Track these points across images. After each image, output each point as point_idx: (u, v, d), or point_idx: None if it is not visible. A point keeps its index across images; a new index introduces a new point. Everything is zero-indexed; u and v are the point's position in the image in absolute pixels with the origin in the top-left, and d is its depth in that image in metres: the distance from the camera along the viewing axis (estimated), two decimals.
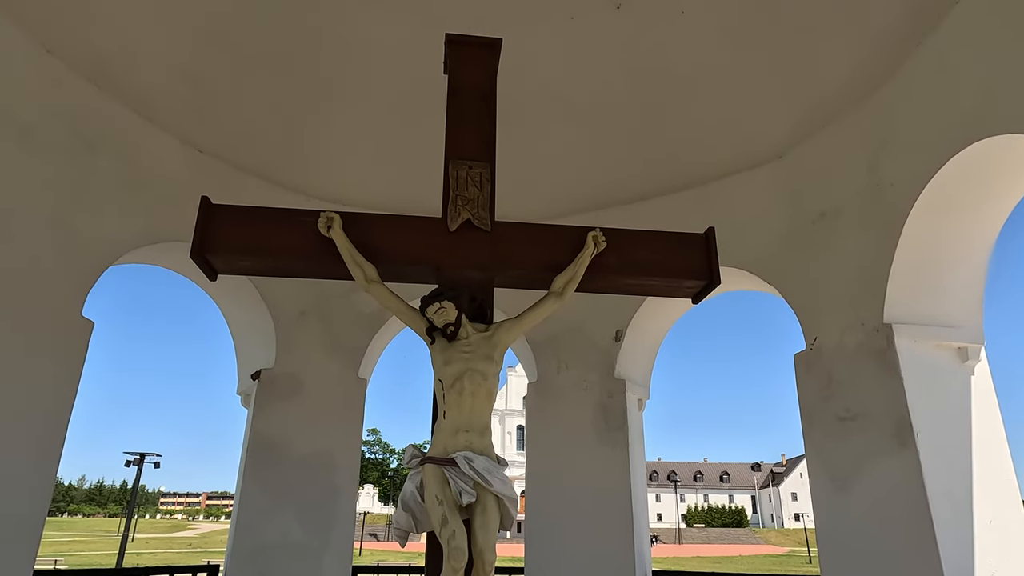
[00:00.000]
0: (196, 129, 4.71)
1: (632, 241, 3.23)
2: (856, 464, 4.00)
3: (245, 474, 4.98)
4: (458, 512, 2.53)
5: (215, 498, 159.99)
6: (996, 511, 3.72)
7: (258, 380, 5.19)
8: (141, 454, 24.82)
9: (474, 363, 2.76)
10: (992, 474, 3.82)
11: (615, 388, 5.44)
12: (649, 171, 5.33)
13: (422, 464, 2.66)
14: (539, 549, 5.28)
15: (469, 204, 3.22)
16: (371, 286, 2.99)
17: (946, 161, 3.70)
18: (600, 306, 5.22)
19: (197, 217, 3.05)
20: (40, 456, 3.74)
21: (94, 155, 4.19)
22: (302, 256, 3.11)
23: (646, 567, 5.21)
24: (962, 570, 3.50)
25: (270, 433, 5.10)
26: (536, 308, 3.04)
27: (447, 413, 2.72)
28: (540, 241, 3.23)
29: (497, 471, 2.59)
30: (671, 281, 3.28)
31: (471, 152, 3.35)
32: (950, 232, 4.02)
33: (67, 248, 3.99)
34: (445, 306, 2.81)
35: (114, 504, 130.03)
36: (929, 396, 3.85)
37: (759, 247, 4.78)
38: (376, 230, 3.13)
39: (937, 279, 4.09)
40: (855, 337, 4.14)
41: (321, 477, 5.12)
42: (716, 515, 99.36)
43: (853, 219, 4.29)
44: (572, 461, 5.35)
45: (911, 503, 3.63)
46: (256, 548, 4.88)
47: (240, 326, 5.57)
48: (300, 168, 5.10)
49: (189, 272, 5.04)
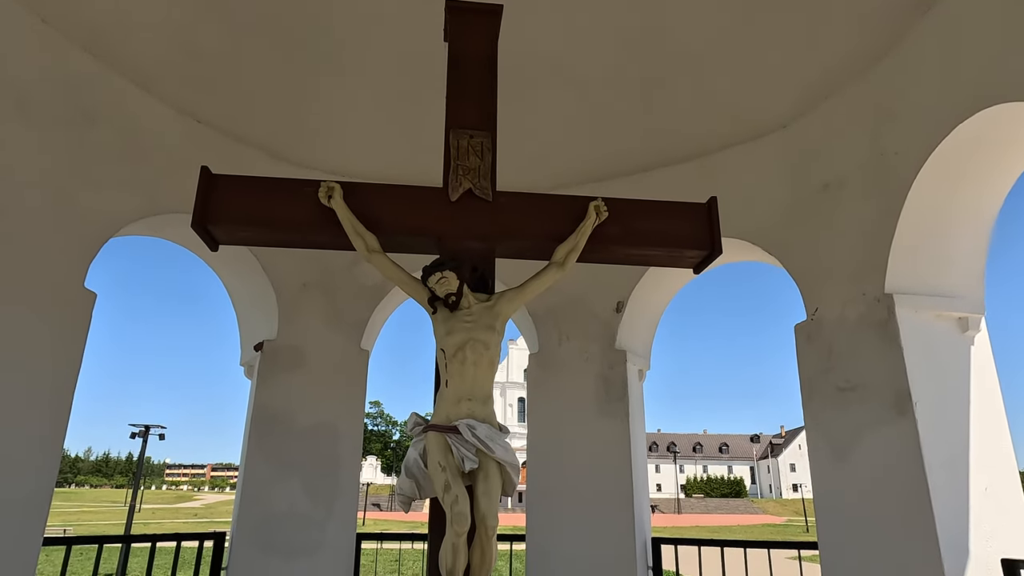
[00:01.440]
0: (194, 100, 4.66)
1: (634, 211, 3.22)
2: (855, 434, 4.04)
3: (249, 445, 5.03)
4: (461, 478, 2.56)
5: (220, 470, 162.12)
6: (992, 479, 3.77)
7: (261, 351, 5.22)
8: (146, 426, 25.06)
9: (476, 333, 2.78)
10: (989, 443, 3.85)
11: (616, 359, 5.47)
12: (651, 142, 5.28)
13: (425, 432, 2.69)
14: (540, 517, 5.36)
15: (470, 174, 3.20)
16: (372, 256, 3.00)
17: (951, 130, 3.67)
18: (601, 277, 5.22)
19: (197, 187, 3.04)
20: (48, 425, 3.77)
21: (92, 126, 4.16)
22: (303, 226, 3.11)
23: (646, 534, 5.29)
24: (957, 536, 3.55)
25: (273, 404, 5.14)
26: (538, 278, 3.05)
27: (449, 382, 2.74)
28: (542, 211, 3.22)
29: (499, 438, 2.62)
30: (673, 251, 3.28)
31: (472, 121, 3.32)
32: (953, 202, 4.00)
33: (67, 219, 3.98)
34: (447, 276, 2.81)
35: (120, 475, 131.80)
36: (928, 366, 3.87)
37: (761, 218, 4.77)
38: (377, 200, 3.12)
39: (939, 249, 4.08)
40: (856, 308, 4.14)
41: (325, 447, 5.18)
42: (715, 486, 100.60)
43: (856, 190, 4.27)
44: (573, 431, 5.40)
45: (908, 471, 3.67)
46: (262, 517, 4.95)
47: (242, 298, 5.58)
48: (299, 139, 5.06)
49: (191, 244, 5.03)
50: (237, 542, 4.87)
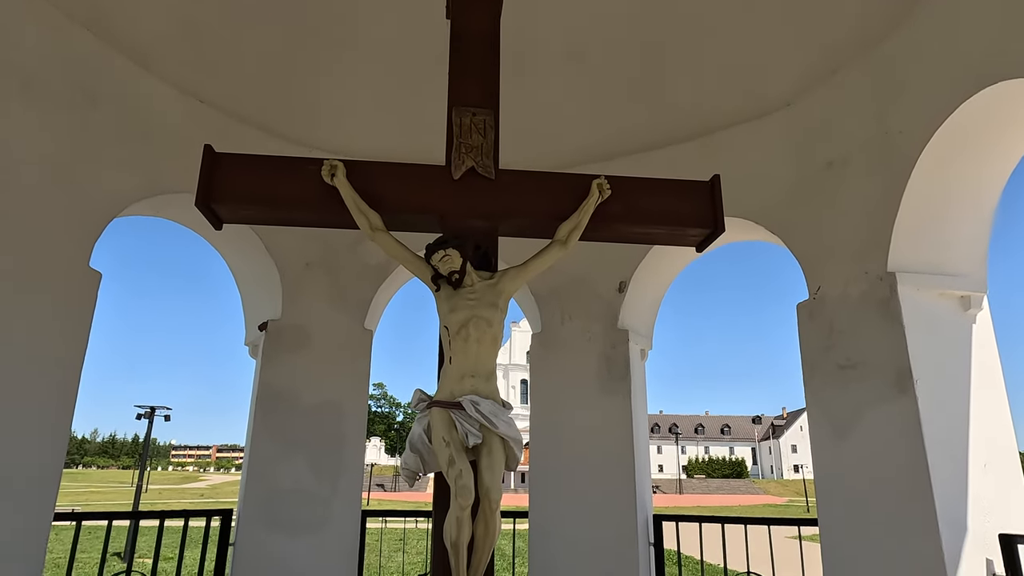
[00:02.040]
0: (196, 79, 4.65)
1: (637, 189, 3.22)
2: (856, 411, 4.06)
3: (255, 423, 5.08)
4: (465, 453, 2.59)
5: (225, 450, 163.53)
6: (991, 455, 3.80)
7: (265, 331, 5.25)
8: (151, 407, 25.23)
9: (479, 310, 2.79)
10: (989, 420, 3.87)
11: (618, 338, 5.49)
12: (654, 121, 5.26)
13: (429, 408, 2.72)
14: (543, 495, 5.42)
15: (473, 152, 3.20)
16: (376, 234, 3.01)
17: (956, 108, 3.65)
18: (604, 257, 5.23)
19: (201, 165, 3.04)
20: (57, 402, 3.82)
21: (94, 106, 4.15)
22: (306, 204, 3.12)
23: (647, 511, 5.35)
24: (955, 511, 3.59)
25: (278, 383, 5.18)
26: (540, 256, 3.06)
27: (453, 359, 2.76)
28: (544, 189, 3.23)
29: (502, 414, 2.65)
30: (676, 229, 3.28)
31: (474, 99, 3.32)
32: (957, 180, 3.99)
33: (71, 199, 3.99)
34: (450, 254, 2.83)
35: (127, 456, 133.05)
36: (930, 344, 3.88)
37: (765, 197, 4.76)
38: (379, 178, 3.12)
39: (942, 228, 4.08)
40: (858, 286, 4.15)
41: (329, 426, 5.23)
42: (716, 466, 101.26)
43: (860, 169, 4.25)
44: (576, 410, 5.44)
45: (908, 448, 3.70)
46: (268, 494, 5.01)
47: (246, 278, 5.60)
48: (301, 118, 5.04)
49: (194, 224, 5.05)
50: (244, 519, 4.94)
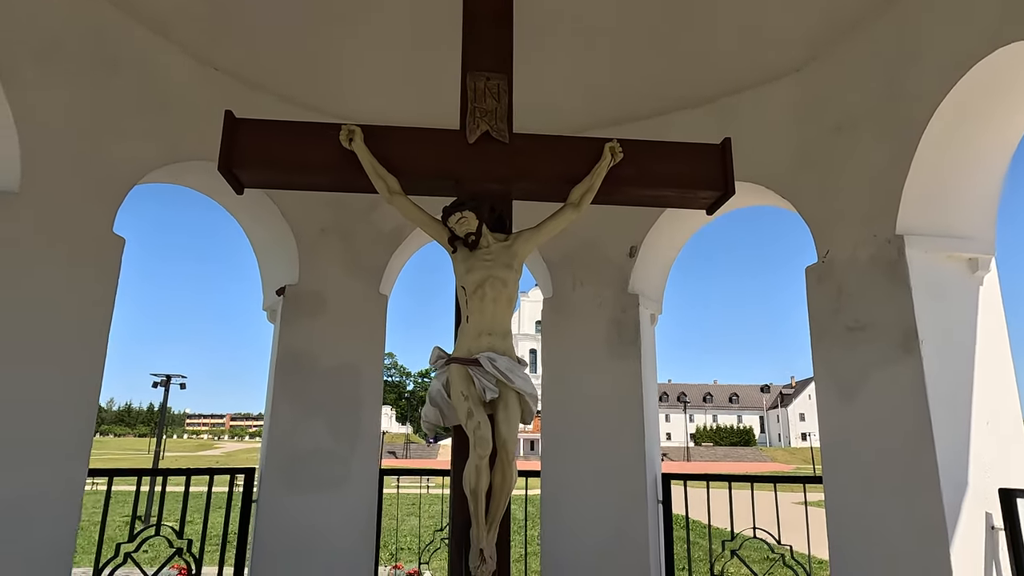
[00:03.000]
0: (212, 47, 4.69)
1: (648, 152, 3.28)
2: (862, 373, 4.14)
3: (275, 385, 5.23)
4: (482, 407, 2.70)
5: (239, 419, 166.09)
6: (994, 414, 3.88)
7: (283, 296, 5.37)
8: (167, 376, 25.67)
9: (495, 271, 2.88)
10: (993, 379, 3.95)
11: (628, 303, 5.58)
12: (665, 86, 5.26)
13: (448, 364, 2.82)
14: (554, 455, 5.56)
15: (487, 116, 3.26)
16: (394, 198, 3.09)
17: (967, 71, 3.65)
18: (614, 223, 5.29)
19: (222, 131, 3.11)
20: (88, 361, 3.97)
21: (113, 75, 4.21)
22: (325, 169, 3.19)
23: (656, 471, 5.49)
24: (956, 468, 3.68)
25: (297, 347, 5.32)
26: (554, 218, 3.13)
27: (470, 318, 2.86)
28: (558, 153, 3.29)
29: (518, 370, 2.75)
30: (687, 191, 3.34)
31: (488, 63, 3.36)
32: (968, 143, 4.00)
33: (94, 166, 4.08)
34: (466, 216, 2.91)
35: (143, 425, 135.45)
36: (936, 305, 3.94)
37: (775, 162, 4.78)
38: (396, 142, 3.19)
39: (952, 191, 4.10)
40: (867, 249, 4.19)
41: (347, 388, 5.37)
42: (724, 435, 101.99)
43: (870, 132, 4.27)
44: (586, 373, 5.55)
45: (912, 408, 3.79)
46: (288, 453, 5.18)
47: (263, 244, 5.71)
48: (316, 85, 5.08)
49: (211, 191, 5.14)
50: (266, 477, 5.11)
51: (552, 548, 5.41)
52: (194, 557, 4.66)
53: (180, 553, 4.63)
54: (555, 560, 5.36)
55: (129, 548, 4.37)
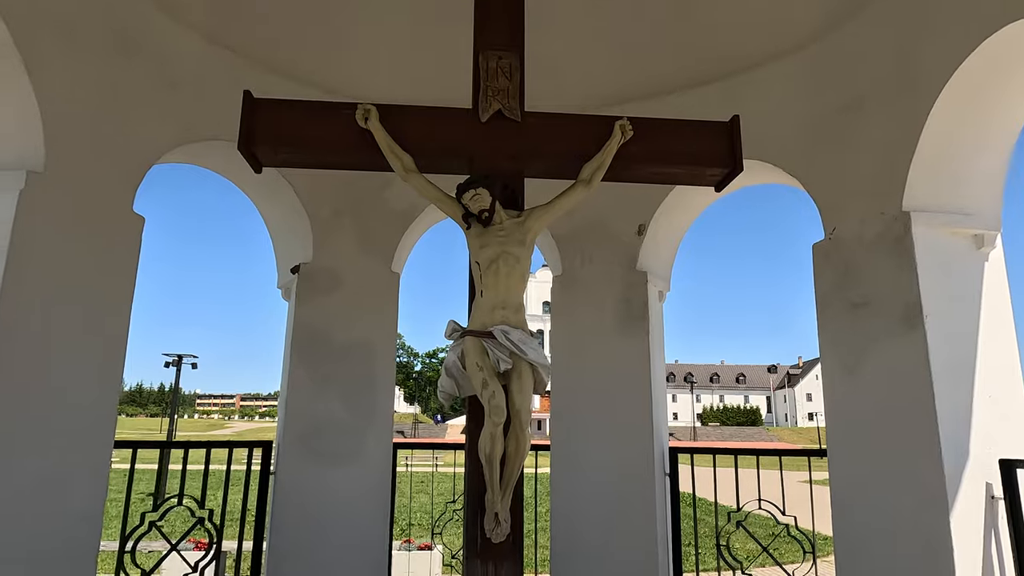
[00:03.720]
0: (225, 29, 4.74)
1: (658, 130, 3.33)
2: (866, 347, 4.22)
3: (292, 361, 5.35)
4: (496, 377, 2.80)
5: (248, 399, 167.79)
6: (996, 387, 3.95)
7: (298, 274, 5.47)
8: (179, 355, 25.97)
9: (508, 246, 2.96)
10: (996, 353, 4.01)
11: (637, 280, 5.66)
12: (675, 64, 5.29)
13: (463, 337, 2.92)
14: (564, 430, 5.68)
15: (499, 95, 3.32)
16: (409, 176, 3.17)
17: (976, 47, 3.68)
18: (623, 201, 5.35)
19: (241, 111, 3.19)
20: (109, 342, 4.10)
21: (129, 57, 4.27)
22: (342, 147, 3.27)
23: (663, 444, 5.61)
24: (958, 439, 3.77)
25: (312, 323, 5.44)
26: (565, 195, 3.20)
27: (484, 292, 2.95)
28: (569, 131, 3.35)
29: (531, 342, 2.85)
30: (696, 168, 3.40)
31: (500, 42, 3.42)
32: (976, 120, 4.04)
33: (113, 147, 4.16)
34: (480, 193, 2.98)
35: (154, 405, 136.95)
36: (941, 281, 4.00)
37: (784, 139, 4.81)
38: (411, 121, 3.26)
39: (959, 167, 4.15)
40: (873, 226, 4.25)
41: (361, 363, 5.49)
42: (731, 414, 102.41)
43: (879, 109, 4.30)
44: (595, 349, 5.65)
45: (915, 380, 3.87)
46: (304, 427, 5.32)
47: (277, 224, 5.80)
48: (329, 65, 5.14)
49: (226, 171, 5.23)
50: (283, 450, 5.26)
51: (561, 520, 5.55)
52: (215, 526, 4.82)
53: (202, 522, 4.79)
54: (564, 531, 5.50)
55: (153, 517, 4.52)
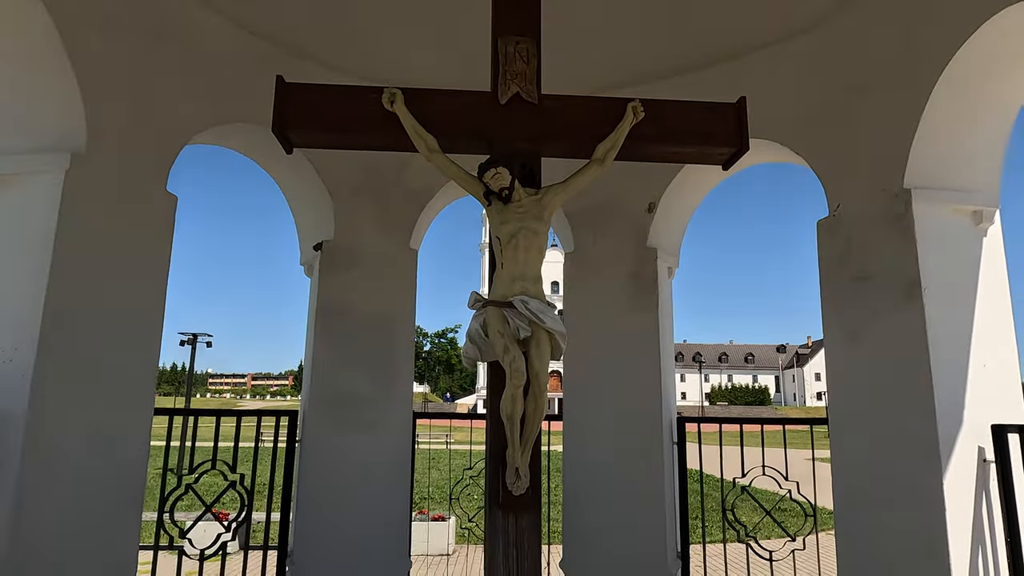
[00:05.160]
0: (249, 14, 4.90)
1: (668, 110, 3.51)
2: (867, 319, 4.40)
3: (316, 333, 5.60)
4: (516, 344, 3.02)
5: (260, 378, 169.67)
6: (991, 356, 4.14)
7: (320, 251, 5.70)
8: (194, 334, 26.42)
9: (527, 222, 3.16)
10: (992, 325, 4.20)
11: (647, 257, 5.84)
12: (684, 45, 5.41)
13: (484, 307, 3.13)
14: (576, 400, 5.92)
15: (518, 78, 3.50)
16: (433, 156, 3.36)
17: (977, 28, 3.81)
18: (634, 180, 5.53)
19: (275, 95, 3.38)
20: (149, 313, 4.35)
21: (161, 42, 4.46)
22: (369, 129, 3.46)
23: (672, 414, 5.84)
24: (952, 405, 3.97)
25: (334, 298, 5.67)
26: (581, 174, 3.39)
27: (504, 265, 3.16)
28: (584, 112, 3.53)
29: (548, 311, 3.05)
30: (704, 148, 3.58)
31: (518, 28, 3.58)
32: (976, 99, 4.18)
33: (148, 129, 4.37)
34: (500, 172, 3.17)
35: (166, 384, 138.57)
36: (940, 255, 4.18)
37: (791, 119, 4.94)
38: (434, 104, 3.44)
39: (959, 146, 4.29)
40: (876, 203, 4.41)
41: (382, 336, 5.73)
42: (739, 394, 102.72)
43: (882, 89, 4.43)
44: (606, 323, 5.85)
45: (913, 350, 4.06)
46: (328, 396, 5.58)
47: (300, 202, 6.01)
48: (350, 49, 5.31)
49: (252, 151, 5.44)
50: (308, 418, 5.52)
51: (574, 486, 5.81)
52: (246, 489, 5.10)
53: (234, 486, 5.07)
54: (577, 497, 5.76)
55: (189, 480, 4.81)
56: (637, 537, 5.49)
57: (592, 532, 5.62)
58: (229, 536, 5.07)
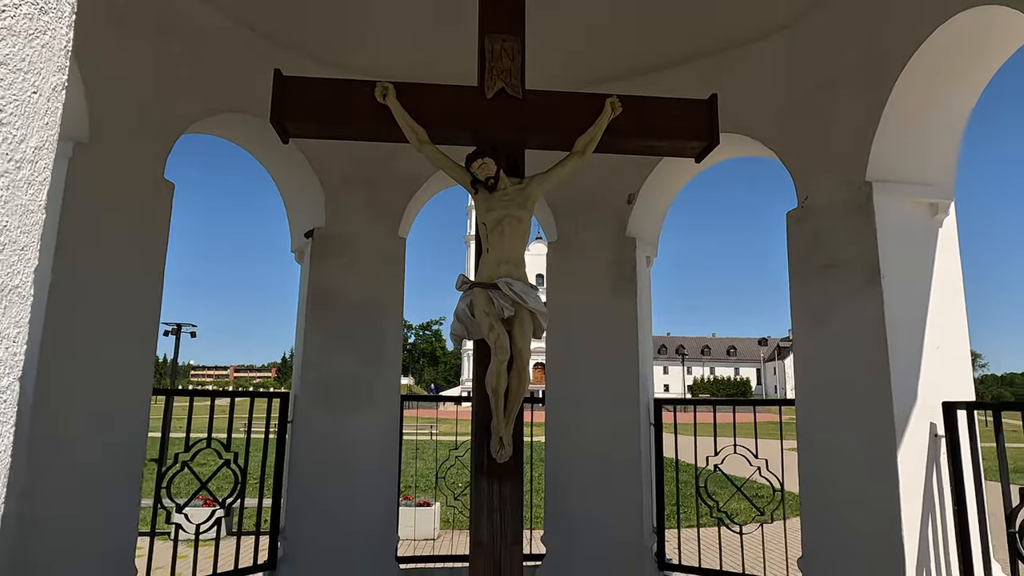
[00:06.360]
0: (248, 9, 5.06)
1: (644, 106, 3.74)
2: (831, 304, 4.69)
3: (308, 318, 5.79)
4: (501, 323, 3.24)
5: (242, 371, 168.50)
6: (944, 338, 4.44)
7: (311, 238, 5.88)
8: (178, 324, 26.36)
9: (511, 210, 3.39)
10: (945, 309, 4.50)
11: (626, 246, 6.09)
12: (660, 44, 5.64)
13: (471, 288, 3.36)
14: (557, 384, 6.16)
15: (503, 74, 3.71)
16: (423, 147, 3.57)
17: (933, 31, 4.09)
18: (614, 172, 5.78)
19: (272, 88, 3.57)
20: (147, 299, 4.53)
21: (161, 35, 4.63)
22: (362, 121, 3.66)
23: (649, 397, 6.10)
24: (907, 384, 4.27)
25: (325, 284, 5.86)
26: (562, 165, 3.62)
27: (490, 250, 3.38)
28: (565, 107, 3.75)
29: (531, 292, 3.28)
30: (677, 142, 3.82)
31: (504, 26, 3.79)
32: (933, 98, 4.46)
33: (146, 118, 4.55)
34: (486, 162, 3.39)
35: None
36: (898, 245, 4.46)
37: (763, 114, 5.20)
38: (424, 98, 3.65)
39: (917, 142, 4.58)
40: (841, 195, 4.68)
41: (371, 321, 5.93)
42: (721, 386, 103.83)
43: (848, 87, 4.70)
44: (587, 309, 6.10)
45: (872, 332, 4.35)
46: (319, 379, 5.77)
47: (291, 191, 6.18)
48: (347, 45, 5.48)
49: (245, 141, 5.61)
50: (300, 400, 5.72)
51: (556, 467, 6.06)
52: (240, 467, 5.29)
53: (228, 464, 5.26)
54: (558, 479, 6.01)
55: (186, 457, 4.99)
56: (615, 512, 5.76)
57: (573, 507, 5.87)
58: (223, 512, 5.26)
